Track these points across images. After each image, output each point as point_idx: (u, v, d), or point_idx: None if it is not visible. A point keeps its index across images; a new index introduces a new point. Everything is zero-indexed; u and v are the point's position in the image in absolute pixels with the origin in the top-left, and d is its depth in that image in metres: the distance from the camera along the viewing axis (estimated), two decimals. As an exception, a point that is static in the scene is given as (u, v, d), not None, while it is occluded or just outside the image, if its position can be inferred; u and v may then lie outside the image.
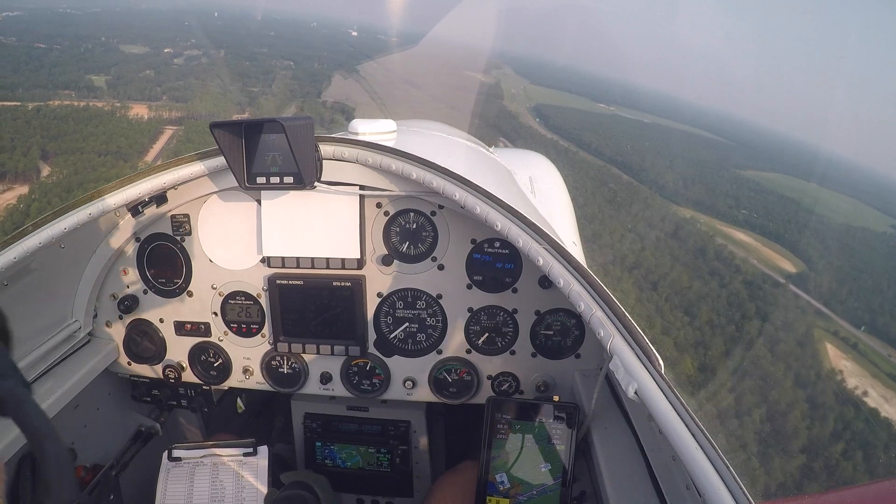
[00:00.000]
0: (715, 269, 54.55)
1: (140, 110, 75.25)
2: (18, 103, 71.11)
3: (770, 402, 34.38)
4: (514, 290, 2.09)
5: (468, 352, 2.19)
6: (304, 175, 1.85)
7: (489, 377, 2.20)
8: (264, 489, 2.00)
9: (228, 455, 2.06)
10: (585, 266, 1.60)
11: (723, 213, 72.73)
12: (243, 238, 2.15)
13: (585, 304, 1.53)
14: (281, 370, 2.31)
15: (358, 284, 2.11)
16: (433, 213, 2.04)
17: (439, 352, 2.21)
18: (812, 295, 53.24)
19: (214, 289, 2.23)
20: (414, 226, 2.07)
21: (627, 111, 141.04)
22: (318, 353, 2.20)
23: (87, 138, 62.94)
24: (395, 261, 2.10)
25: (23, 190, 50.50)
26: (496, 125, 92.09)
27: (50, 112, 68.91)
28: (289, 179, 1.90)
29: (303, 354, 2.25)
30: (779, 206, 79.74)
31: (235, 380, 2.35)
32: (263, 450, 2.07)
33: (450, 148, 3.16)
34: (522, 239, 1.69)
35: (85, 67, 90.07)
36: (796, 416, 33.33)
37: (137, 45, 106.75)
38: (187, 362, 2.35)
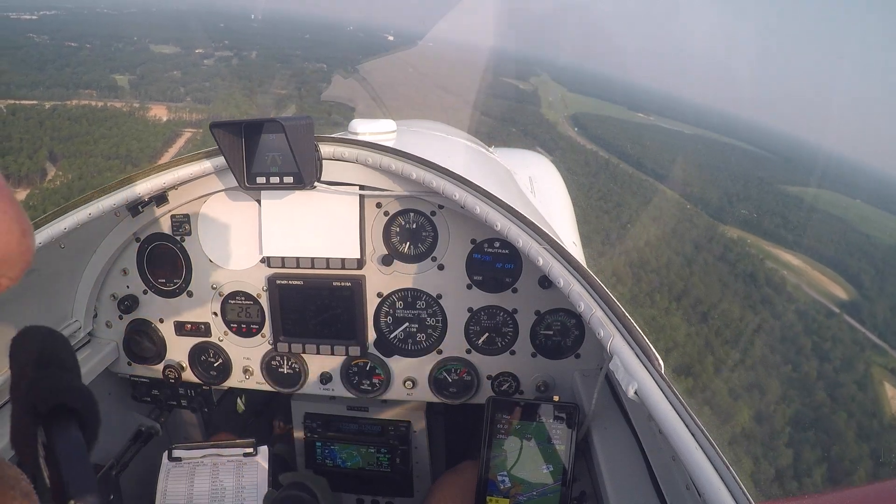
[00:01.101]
0: (767, 296, 51.81)
1: (159, 111, 73.91)
2: (35, 102, 70.49)
3: (832, 458, 31.93)
4: (514, 290, 2.09)
5: (468, 352, 2.19)
6: (304, 175, 1.85)
7: (489, 377, 2.20)
8: (265, 489, 1.99)
9: (229, 455, 2.05)
10: (585, 266, 1.60)
11: (770, 233, 69.93)
12: (243, 238, 2.15)
13: (585, 304, 1.53)
14: (281, 370, 2.31)
15: (358, 284, 2.11)
16: (433, 213, 2.04)
17: (439, 352, 2.21)
18: (867, 326, 49.99)
19: (214, 289, 2.23)
20: (414, 226, 2.07)
21: (666, 121, 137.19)
22: (317, 353, 2.20)
23: (98, 140, 61.95)
24: (395, 261, 2.10)
25: (22, 195, 49.41)
26: (533, 134, 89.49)
27: (65, 112, 67.99)
28: (289, 179, 1.90)
29: (303, 354, 2.25)
30: (826, 225, 76.55)
31: (235, 380, 2.35)
32: (264, 450, 2.06)
33: (450, 148, 3.16)
34: (522, 239, 1.69)
35: (110, 67, 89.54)
36: (861, 478, 30.78)
37: (169, 45, 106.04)
38: (187, 362, 2.35)
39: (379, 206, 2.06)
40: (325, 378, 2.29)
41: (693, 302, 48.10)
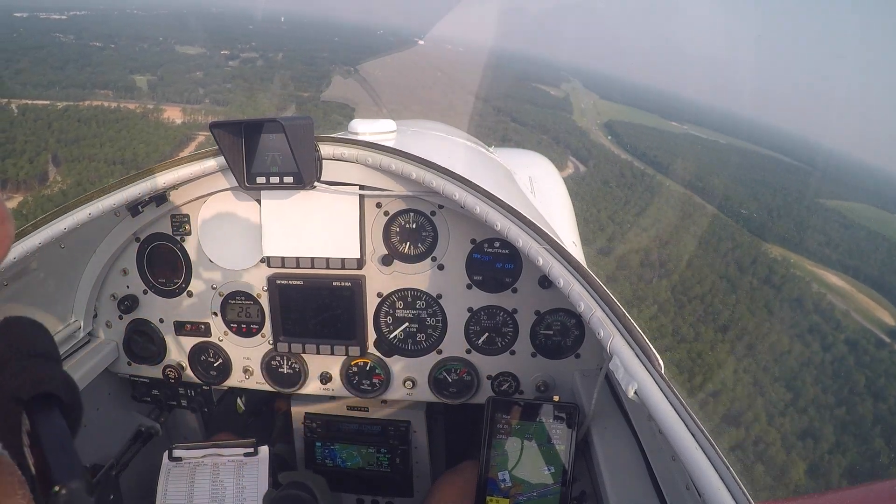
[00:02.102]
0: (815, 325, 47.17)
1: (174, 113, 72.26)
2: (48, 102, 69.62)
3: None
4: (514, 290, 2.08)
5: (468, 352, 2.19)
6: (304, 175, 1.85)
7: (489, 377, 2.20)
8: (265, 489, 1.99)
9: (229, 455, 2.05)
10: (585, 266, 1.60)
11: (813, 252, 65.32)
12: (243, 238, 2.15)
13: (585, 304, 1.53)
14: (281, 370, 2.31)
15: (358, 284, 2.11)
16: (433, 213, 2.04)
17: (439, 352, 2.21)
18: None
19: (214, 289, 2.23)
20: (414, 226, 2.07)
21: (700, 130, 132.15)
22: (317, 352, 2.20)
23: (104, 144, 60.45)
24: (394, 261, 2.10)
25: (14, 203, 46.57)
26: (566, 142, 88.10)
27: (76, 113, 66.81)
28: (289, 179, 1.90)
29: (303, 354, 2.25)
30: (867, 242, 70.97)
31: (235, 380, 2.35)
32: (264, 450, 2.06)
33: (449, 148, 3.16)
34: (522, 239, 1.69)
35: (131, 67, 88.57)
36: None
37: (195, 46, 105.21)
38: (187, 362, 2.35)
39: (379, 206, 2.06)
40: (325, 378, 2.29)
41: (740, 333, 43.88)
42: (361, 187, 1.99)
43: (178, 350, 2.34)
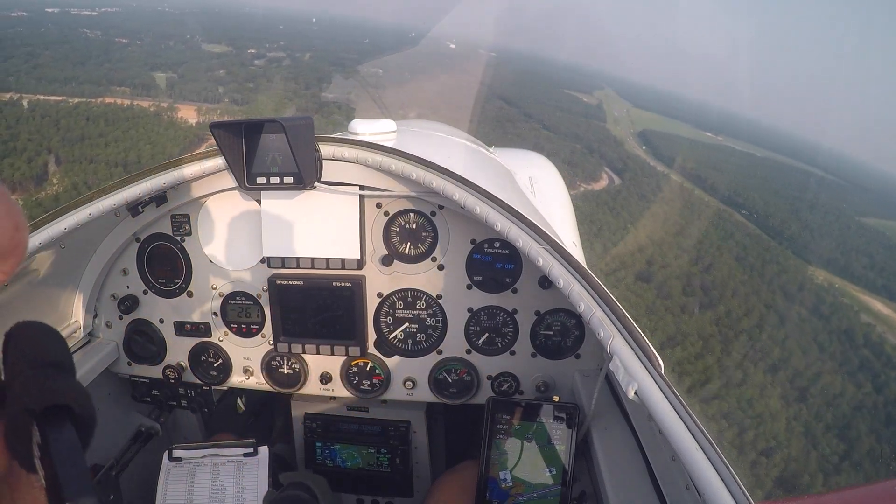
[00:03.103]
0: (865, 360, 42.17)
1: (188, 113, 70.14)
2: (62, 98, 68.39)
3: None
4: (514, 291, 2.09)
5: (468, 352, 2.19)
6: (304, 175, 1.85)
7: (489, 377, 2.20)
8: (265, 489, 2.00)
9: (229, 455, 2.06)
10: (585, 266, 1.60)
11: (858, 277, 58.88)
12: (243, 238, 2.15)
13: (586, 304, 1.53)
14: (281, 370, 2.31)
15: (358, 285, 2.11)
16: (433, 214, 2.04)
17: (439, 352, 2.21)
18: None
19: (214, 289, 2.23)
20: (414, 226, 2.07)
21: (735, 142, 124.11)
22: (317, 353, 2.20)
23: (110, 144, 58.16)
24: (394, 261, 2.10)
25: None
26: (600, 152, 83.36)
27: (87, 111, 65.19)
28: (289, 179, 1.90)
29: (303, 354, 2.25)
30: None
31: (235, 380, 2.35)
32: (264, 450, 2.07)
33: (450, 148, 3.16)
34: (522, 239, 1.69)
35: (152, 64, 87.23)
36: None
37: (221, 44, 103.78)
38: (187, 362, 2.35)
39: (379, 206, 2.06)
40: (325, 378, 2.29)
41: (792, 375, 39.07)
42: (361, 187, 1.99)
43: (178, 350, 2.34)
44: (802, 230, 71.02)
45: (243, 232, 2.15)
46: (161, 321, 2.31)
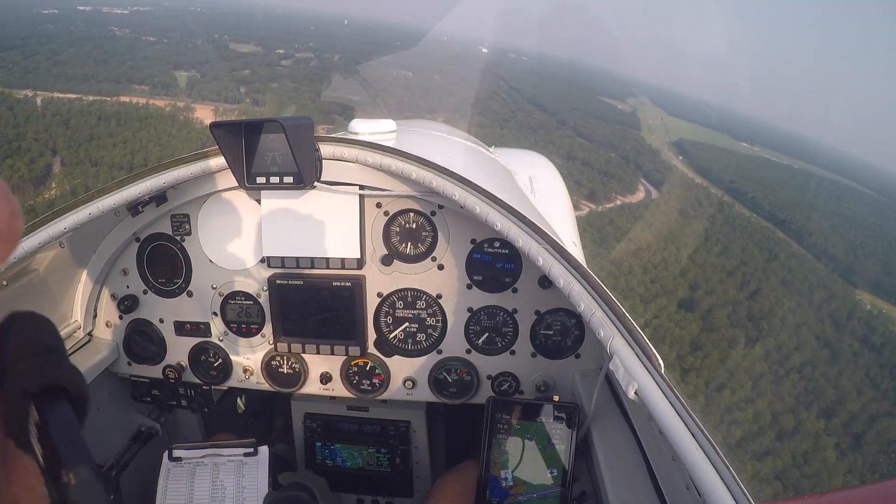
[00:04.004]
0: None
1: (204, 113, 68.18)
2: (77, 96, 67.54)
3: None
4: (514, 290, 2.08)
5: (468, 352, 2.19)
6: (304, 175, 1.85)
7: (489, 377, 2.20)
8: (265, 489, 2.00)
9: (229, 455, 2.05)
10: (585, 266, 1.60)
11: None
12: (243, 238, 2.15)
13: (586, 304, 1.53)
14: (281, 370, 2.31)
15: (358, 284, 2.11)
16: (433, 213, 2.04)
17: (439, 352, 2.21)
18: None
19: (214, 289, 2.23)
20: (414, 226, 2.07)
21: (772, 153, 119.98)
22: (317, 352, 2.20)
23: (118, 145, 56.36)
24: (394, 261, 2.10)
25: None
26: (636, 162, 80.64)
27: (100, 110, 63.91)
28: (289, 179, 1.90)
29: (303, 354, 2.25)
30: None
31: (235, 380, 2.35)
32: (264, 450, 2.06)
33: (449, 148, 3.16)
34: (522, 239, 1.69)
35: (175, 63, 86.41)
36: None
37: (250, 44, 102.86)
38: (187, 362, 2.35)
39: (379, 206, 2.06)
40: (325, 378, 2.29)
41: (847, 419, 35.43)
42: (361, 187, 1.99)
43: (178, 350, 2.34)
44: (847, 251, 66.23)
45: (243, 232, 2.15)
46: (161, 321, 2.31)
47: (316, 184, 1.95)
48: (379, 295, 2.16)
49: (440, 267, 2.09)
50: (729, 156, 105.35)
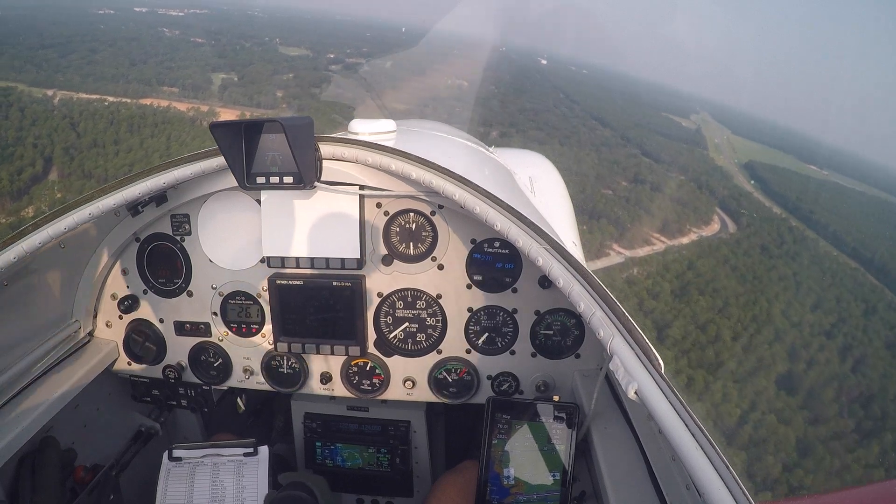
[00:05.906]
0: None
1: (228, 117, 59.88)
2: (97, 97, 66.74)
3: None
4: (514, 290, 2.09)
5: (468, 352, 2.19)
6: (304, 175, 1.85)
7: (489, 377, 2.20)
8: (265, 489, 2.00)
9: (229, 455, 2.06)
10: (585, 266, 1.60)
11: None
12: (243, 238, 2.15)
13: (586, 304, 1.53)
14: (281, 370, 2.31)
15: (358, 284, 2.11)
16: (433, 213, 2.05)
17: (439, 352, 2.21)
18: None
19: (214, 289, 2.23)
20: (414, 226, 2.07)
21: (842, 178, 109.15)
22: (317, 352, 2.20)
23: (121, 153, 53.89)
24: (394, 261, 2.10)
25: None
26: (709, 187, 72.70)
27: (117, 112, 61.89)
28: (288, 179, 1.90)
29: (303, 354, 2.25)
30: None
31: (235, 380, 2.35)
32: (264, 450, 2.07)
33: (449, 148, 3.16)
34: (522, 239, 1.69)
35: (215, 65, 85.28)
36: None
37: (301, 48, 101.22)
38: (187, 362, 2.35)
39: (379, 205, 2.06)
40: (325, 378, 2.29)
41: None
42: (361, 187, 1.99)
43: (178, 350, 2.34)
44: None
45: (243, 232, 2.15)
46: (161, 321, 2.31)
47: (316, 184, 1.95)
48: (379, 295, 2.16)
49: (440, 267, 2.09)
50: (802, 180, 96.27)
